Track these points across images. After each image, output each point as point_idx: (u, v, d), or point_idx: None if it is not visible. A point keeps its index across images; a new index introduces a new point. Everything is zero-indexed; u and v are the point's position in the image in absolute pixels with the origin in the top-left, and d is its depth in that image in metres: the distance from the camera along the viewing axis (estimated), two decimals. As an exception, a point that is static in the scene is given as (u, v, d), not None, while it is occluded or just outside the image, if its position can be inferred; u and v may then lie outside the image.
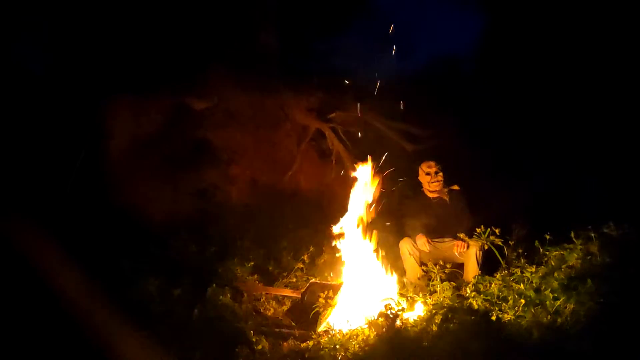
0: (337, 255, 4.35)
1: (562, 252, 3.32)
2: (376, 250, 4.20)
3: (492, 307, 3.09)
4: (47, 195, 4.86)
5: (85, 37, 5.40)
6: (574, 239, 3.33)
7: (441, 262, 3.65)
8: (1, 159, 4.78)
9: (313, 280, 4.43)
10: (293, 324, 3.68)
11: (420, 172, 4.59)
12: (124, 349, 3.13)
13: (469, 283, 3.54)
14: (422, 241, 4.20)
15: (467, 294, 3.32)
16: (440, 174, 4.47)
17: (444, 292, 3.41)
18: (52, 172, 5.10)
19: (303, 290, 4.17)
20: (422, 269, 4.06)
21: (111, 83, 5.24)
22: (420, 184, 4.64)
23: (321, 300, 3.61)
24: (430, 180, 4.47)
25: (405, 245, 4.25)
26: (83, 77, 5.36)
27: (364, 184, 4.37)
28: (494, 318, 2.96)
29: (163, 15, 5.49)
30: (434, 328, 3.00)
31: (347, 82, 6.35)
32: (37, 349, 3.10)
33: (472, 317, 2.93)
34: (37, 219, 4.27)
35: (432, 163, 4.54)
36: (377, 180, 4.37)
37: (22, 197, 4.59)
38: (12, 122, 5.00)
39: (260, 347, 3.22)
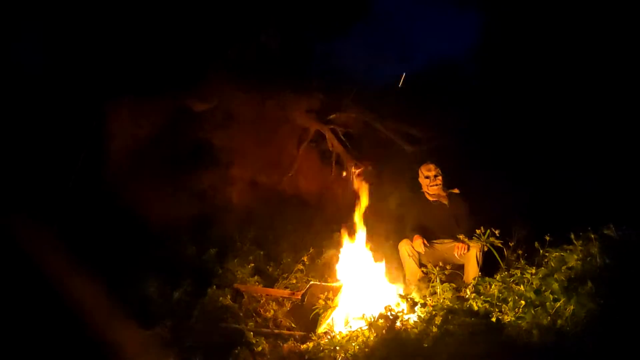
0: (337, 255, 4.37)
1: (562, 254, 3.30)
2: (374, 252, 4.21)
3: (492, 309, 3.08)
4: (48, 196, 4.86)
5: (86, 38, 5.41)
6: (574, 241, 3.30)
7: (441, 264, 3.65)
8: (3, 160, 4.79)
9: (313, 281, 4.43)
10: (293, 325, 3.68)
11: (420, 174, 4.59)
12: (124, 349, 3.13)
13: (469, 284, 3.53)
14: (418, 242, 4.19)
15: (467, 296, 3.31)
16: (440, 177, 4.46)
17: (444, 294, 3.41)
18: (53, 173, 5.11)
19: (303, 291, 4.17)
20: (422, 271, 4.05)
21: (112, 84, 5.25)
22: (420, 185, 4.64)
23: (321, 301, 3.61)
24: (429, 183, 4.47)
25: (404, 247, 4.24)
26: (84, 79, 5.37)
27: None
28: (494, 319, 2.96)
29: (164, 17, 5.49)
30: (434, 329, 2.99)
31: (347, 83, 6.34)
32: (37, 348, 3.10)
33: (472, 319, 2.93)
34: (38, 220, 4.28)
35: (431, 166, 4.52)
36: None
37: (23, 198, 4.59)
38: (13, 123, 5.01)
39: (260, 348, 3.23)
